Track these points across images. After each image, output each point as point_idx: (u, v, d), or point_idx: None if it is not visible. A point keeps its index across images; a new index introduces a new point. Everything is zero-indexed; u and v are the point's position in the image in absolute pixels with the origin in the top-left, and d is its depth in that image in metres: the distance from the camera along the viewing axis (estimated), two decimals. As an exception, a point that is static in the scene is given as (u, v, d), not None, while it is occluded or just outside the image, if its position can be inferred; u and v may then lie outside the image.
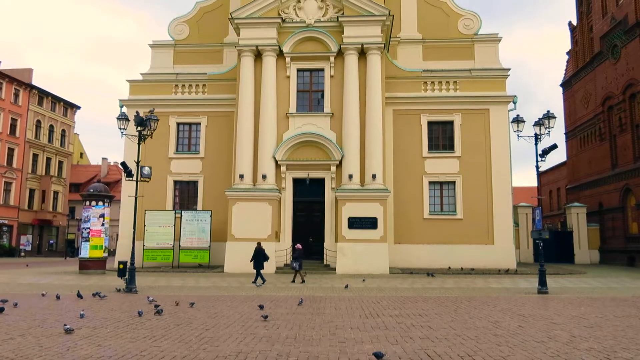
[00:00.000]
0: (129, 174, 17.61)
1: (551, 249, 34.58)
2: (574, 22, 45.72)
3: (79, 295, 13.75)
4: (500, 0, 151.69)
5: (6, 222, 50.14)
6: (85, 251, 24.22)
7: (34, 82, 54.11)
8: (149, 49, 32.05)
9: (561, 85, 47.02)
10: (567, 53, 47.25)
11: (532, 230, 20.16)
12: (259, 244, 20.06)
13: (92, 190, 25.12)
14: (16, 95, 51.75)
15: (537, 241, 17.42)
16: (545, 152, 18.21)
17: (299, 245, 20.72)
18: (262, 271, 19.26)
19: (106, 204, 24.77)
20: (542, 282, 15.97)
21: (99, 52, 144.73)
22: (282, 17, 26.82)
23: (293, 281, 19.47)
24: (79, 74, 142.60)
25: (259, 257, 19.31)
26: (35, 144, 53.79)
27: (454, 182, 27.85)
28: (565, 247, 36.80)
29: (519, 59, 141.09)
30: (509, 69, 29.54)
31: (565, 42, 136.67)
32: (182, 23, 32.19)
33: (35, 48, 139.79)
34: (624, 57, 35.40)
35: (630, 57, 34.65)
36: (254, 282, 18.67)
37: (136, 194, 17.64)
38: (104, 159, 71.89)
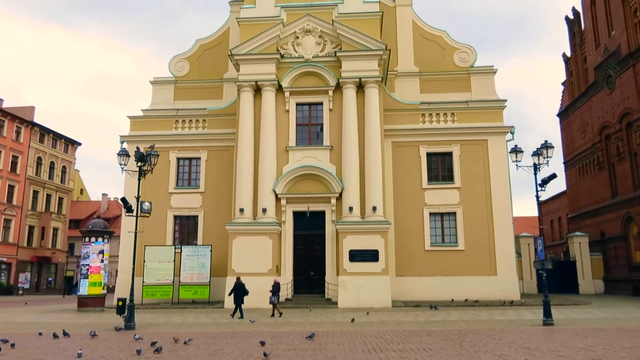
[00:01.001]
0: (128, 209, 17.60)
1: (555, 279, 34.21)
2: (568, 54, 46.52)
3: (55, 335, 13.41)
4: (494, 32, 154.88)
5: (5, 259, 49.77)
6: (84, 288, 23.95)
7: (36, 120, 54.65)
8: (146, 85, 32.65)
9: (558, 115, 47.48)
10: (563, 84, 47.90)
11: (534, 260, 20.00)
12: (238, 278, 20.08)
13: (91, 226, 25.04)
14: (18, 133, 52.19)
15: (540, 272, 17.25)
16: (545, 182, 18.23)
17: (276, 279, 20.70)
18: (243, 306, 19.38)
19: (105, 240, 24.65)
20: (547, 314, 15.73)
21: (97, 88, 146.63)
22: (280, 53, 27.28)
23: (272, 315, 19.40)
24: (78, 110, 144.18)
25: (239, 291, 19.40)
26: (36, 181, 53.92)
27: (454, 213, 27.79)
28: (568, 277, 36.41)
29: (515, 89, 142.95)
30: (506, 100, 29.88)
31: (560, 72, 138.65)
32: (183, 60, 32.73)
33: (34, 84, 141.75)
34: (619, 86, 35.86)
35: (624, 86, 35.10)
36: (232, 315, 18.95)
37: (136, 229, 17.57)
38: (104, 194, 71.99)
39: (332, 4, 27.88)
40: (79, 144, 61.62)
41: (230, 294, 19.59)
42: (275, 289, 19.91)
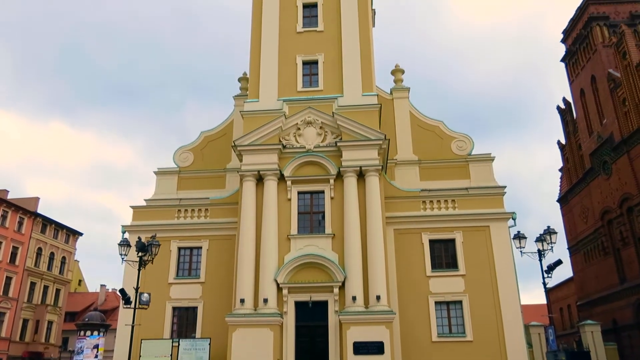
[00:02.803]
0: (127, 301, 17.25)
1: (569, 372, 32.55)
2: (562, 141, 47.76)
3: None
4: (490, 120, 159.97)
5: (-5, 355, 47.91)
6: (76, 386, 22.80)
7: (39, 210, 55.05)
8: (147, 173, 33.19)
9: (558, 201, 47.78)
10: (560, 170, 48.69)
11: (547, 351, 19.23)
12: None
13: (87, 319, 24.34)
14: (20, 224, 52.35)
15: (554, 364, 16.52)
16: (551, 268, 18.03)
17: None
18: None
19: (101, 334, 23.83)
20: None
21: (98, 177, 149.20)
22: (283, 144, 28.00)
23: None
24: (80, 198, 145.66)
25: None
26: (34, 272, 53.23)
27: (460, 302, 27.05)
28: (584, 369, 34.65)
29: (512, 174, 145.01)
30: (505, 187, 30.20)
31: (555, 157, 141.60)
32: (187, 151, 33.55)
33: (38, 174, 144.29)
34: (616, 172, 36.43)
35: (621, 172, 35.66)
36: None
37: (133, 322, 17.09)
38: (102, 285, 70.76)
39: (332, 97, 29.04)
40: (80, 234, 61.58)
41: None
42: None
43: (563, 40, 46.89)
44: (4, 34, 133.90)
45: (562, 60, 46.35)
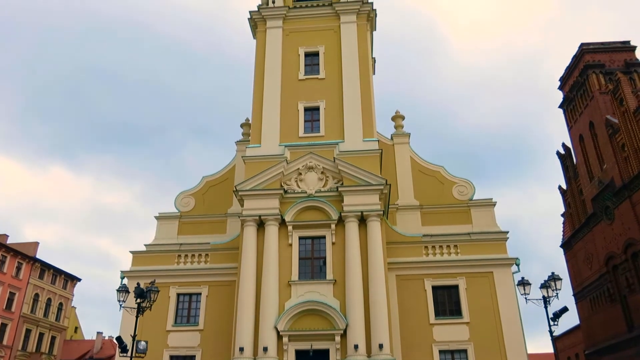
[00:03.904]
0: (123, 349, 16.85)
1: None
2: (563, 186, 47.77)
3: None
4: (490, 164, 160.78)
5: (-15, 406, 46.43)
6: None
7: (38, 255, 54.60)
8: (144, 218, 33.24)
9: (561, 246, 47.35)
10: (562, 215, 48.48)
11: (556, 403, 18.57)
12: None
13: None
14: (18, 269, 51.87)
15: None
16: (557, 316, 17.67)
17: None
18: None
19: (96, 384, 23.14)
20: None
21: (95, 221, 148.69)
22: (284, 189, 28.06)
23: None
24: (77, 243, 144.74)
25: None
26: (30, 319, 52.27)
27: (465, 351, 26.33)
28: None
29: (515, 218, 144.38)
30: (507, 232, 29.97)
31: (556, 201, 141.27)
32: (189, 196, 33.59)
33: (34, 218, 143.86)
34: (619, 217, 36.23)
35: (624, 217, 35.47)
36: None
37: (129, 372, 16.62)
38: (98, 332, 69.11)
39: (334, 143, 29.31)
40: (79, 279, 60.93)
41: None
42: None
43: (560, 87, 47.70)
44: (8, 77, 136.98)
45: (560, 106, 47.01)
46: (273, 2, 33.76)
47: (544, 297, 18.50)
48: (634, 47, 43.23)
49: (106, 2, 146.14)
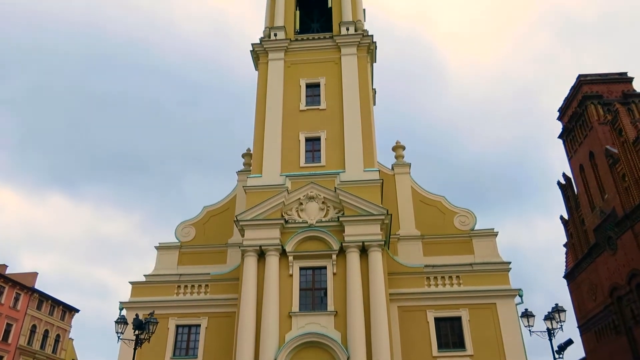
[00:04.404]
0: (120, 383, 16.50)
1: None
2: (565, 216, 47.64)
3: None
4: (490, 193, 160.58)
5: None
6: None
7: (37, 285, 54.13)
8: (142, 247, 33.13)
9: (565, 277, 46.92)
10: (565, 245, 48.21)
11: None
12: None
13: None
14: (16, 300, 51.36)
15: None
16: (562, 349, 17.40)
17: None
18: None
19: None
20: None
21: (93, 251, 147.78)
22: (285, 218, 28.00)
23: None
24: (75, 273, 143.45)
25: None
26: (27, 351, 51.47)
27: (470, 385, 25.82)
28: None
29: (516, 248, 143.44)
30: (510, 262, 29.75)
31: (558, 231, 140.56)
32: (189, 226, 33.50)
33: (32, 248, 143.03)
34: (621, 248, 36.04)
35: (627, 247, 35.28)
36: None
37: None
38: (96, 365, 68.07)
39: (335, 173, 29.38)
40: (77, 310, 60.20)
41: None
42: None
43: (559, 118, 48.10)
44: (11, 107, 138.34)
45: (560, 137, 47.30)
46: (275, 35, 34.37)
47: (548, 329, 18.22)
48: (631, 79, 43.84)
49: (107, 32, 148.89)
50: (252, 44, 34.40)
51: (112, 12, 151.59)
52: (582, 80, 44.06)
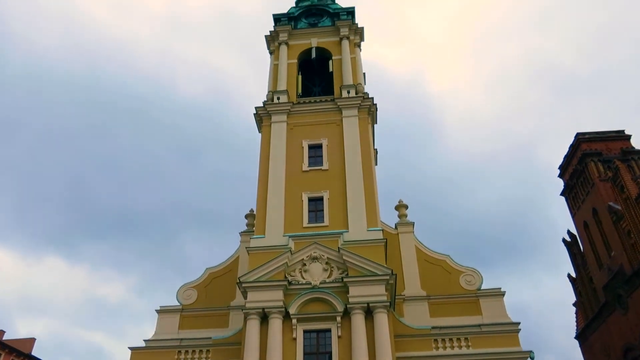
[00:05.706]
0: None
1: None
2: (572, 273, 46.86)
3: None
4: (494, 251, 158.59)
5: None
6: None
7: (34, 352, 52.67)
8: (140, 310, 32.40)
9: (576, 338, 45.56)
10: (574, 304, 47.12)
11: None
12: None
13: None
14: (12, 367, 49.77)
15: None
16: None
17: None
18: None
19: None
20: None
21: (89, 314, 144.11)
22: (288, 280, 27.61)
23: None
24: (71, 337, 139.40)
25: None
26: (19, 422, 49.31)
27: None
28: None
29: (523, 307, 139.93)
30: (519, 323, 28.99)
31: (567, 289, 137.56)
32: (191, 288, 33.02)
33: (28, 311, 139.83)
34: (632, 306, 35.23)
35: (638, 306, 34.48)
36: None
37: None
38: None
39: (338, 233, 29.26)
40: (74, 378, 58.15)
41: None
42: None
43: (560, 175, 48.35)
44: (9, 167, 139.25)
45: (562, 194, 47.36)
46: (278, 99, 35.27)
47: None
48: (629, 136, 44.45)
49: (107, 90, 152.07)
50: (256, 107, 35.25)
51: (111, 69, 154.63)
52: (581, 138, 44.64)
